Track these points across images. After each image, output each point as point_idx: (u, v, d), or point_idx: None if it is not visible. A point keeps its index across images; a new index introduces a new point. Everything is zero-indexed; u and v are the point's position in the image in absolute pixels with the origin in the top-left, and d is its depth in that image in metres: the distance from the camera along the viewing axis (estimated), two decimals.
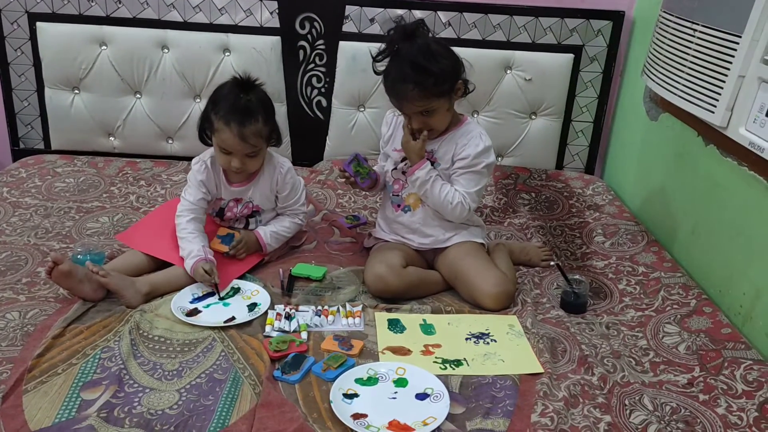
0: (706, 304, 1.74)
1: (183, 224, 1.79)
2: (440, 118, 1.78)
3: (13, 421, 1.27)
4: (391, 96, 1.77)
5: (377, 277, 1.74)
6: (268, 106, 1.81)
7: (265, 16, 2.50)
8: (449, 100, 1.77)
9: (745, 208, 1.72)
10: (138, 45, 2.49)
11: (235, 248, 1.84)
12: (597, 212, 2.31)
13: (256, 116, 1.74)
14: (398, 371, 1.46)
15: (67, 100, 2.57)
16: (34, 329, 1.55)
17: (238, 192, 1.88)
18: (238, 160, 1.77)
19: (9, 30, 2.51)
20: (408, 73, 1.69)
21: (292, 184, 1.92)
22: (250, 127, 1.73)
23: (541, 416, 1.33)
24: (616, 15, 2.47)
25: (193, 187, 1.84)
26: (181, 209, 1.82)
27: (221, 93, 1.79)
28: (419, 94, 1.70)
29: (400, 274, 1.75)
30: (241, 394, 1.37)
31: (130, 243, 1.87)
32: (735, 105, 1.64)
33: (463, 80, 1.78)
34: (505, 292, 1.73)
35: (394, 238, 1.91)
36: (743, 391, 1.42)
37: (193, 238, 1.77)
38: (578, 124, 2.64)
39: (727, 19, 1.67)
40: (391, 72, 1.75)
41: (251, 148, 1.76)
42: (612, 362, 1.52)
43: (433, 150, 1.83)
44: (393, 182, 1.91)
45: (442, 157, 1.83)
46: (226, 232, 1.87)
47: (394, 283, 1.73)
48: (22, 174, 2.42)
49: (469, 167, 1.80)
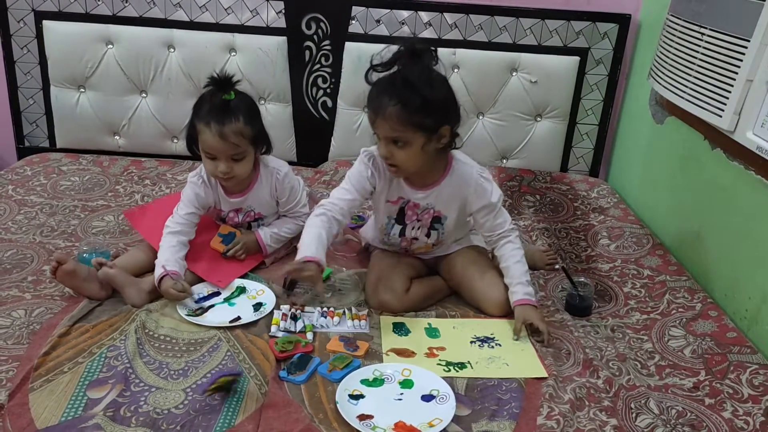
0: (711, 307, 1.74)
1: (165, 234, 1.77)
2: (410, 157, 1.58)
3: (20, 419, 1.27)
4: (370, 108, 1.59)
5: (381, 304, 1.71)
6: (250, 107, 1.79)
7: (271, 16, 2.50)
8: (428, 141, 1.57)
9: (751, 213, 1.71)
10: (144, 44, 2.50)
11: (233, 250, 1.84)
12: (602, 215, 2.31)
13: (237, 115, 1.72)
14: (404, 373, 1.46)
15: (73, 99, 2.57)
16: (40, 327, 1.55)
17: (236, 203, 1.87)
18: (224, 164, 1.73)
19: (15, 28, 2.51)
20: (397, 87, 1.53)
21: (290, 187, 1.90)
22: (230, 126, 1.70)
23: (547, 419, 1.33)
24: (623, 18, 2.47)
25: (185, 203, 1.81)
26: (168, 221, 1.79)
27: (203, 98, 1.77)
28: (398, 115, 1.52)
29: (403, 300, 1.71)
30: (247, 394, 1.37)
31: (136, 224, 1.89)
32: (743, 109, 1.64)
33: (451, 128, 1.61)
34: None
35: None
36: (749, 396, 1.42)
37: (167, 247, 1.73)
38: (583, 126, 2.63)
39: (735, 23, 1.66)
40: (380, 82, 1.59)
41: (233, 148, 1.72)
42: (617, 365, 1.52)
43: (430, 205, 1.72)
44: (400, 242, 1.80)
45: (446, 208, 1.73)
46: (228, 230, 1.86)
47: (399, 308, 1.71)
48: (28, 172, 2.42)
49: (494, 209, 1.71)
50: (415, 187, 1.72)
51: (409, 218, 1.76)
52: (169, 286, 1.64)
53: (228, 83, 1.74)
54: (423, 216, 1.75)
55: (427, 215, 1.75)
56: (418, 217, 1.75)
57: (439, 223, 1.76)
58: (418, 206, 1.74)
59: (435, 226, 1.76)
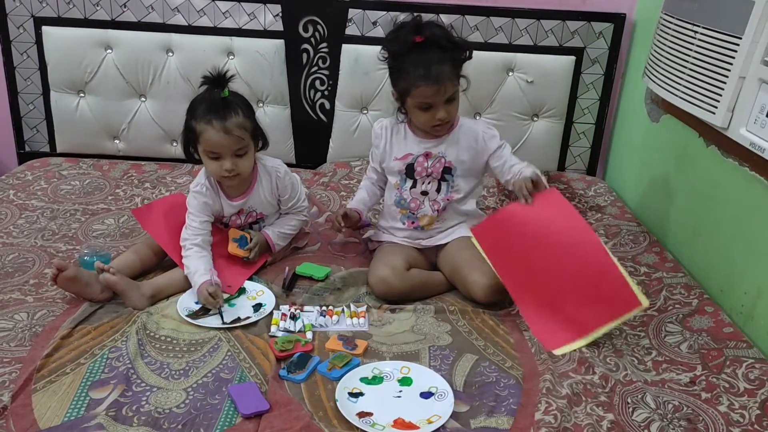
0: (707, 303, 1.75)
1: (188, 245, 1.77)
2: (456, 108, 1.78)
3: (23, 420, 1.28)
4: (427, 82, 1.68)
5: (381, 280, 1.75)
6: (245, 102, 1.81)
7: (268, 20, 2.52)
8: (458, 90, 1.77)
9: (746, 208, 1.73)
10: (143, 49, 2.51)
11: (253, 252, 1.85)
12: (599, 213, 2.32)
13: (236, 109, 1.74)
14: (403, 370, 1.48)
15: (73, 104, 2.59)
16: (42, 330, 1.56)
17: (238, 205, 1.88)
18: (229, 161, 1.74)
19: (15, 34, 2.53)
20: (443, 49, 1.70)
21: (291, 184, 1.92)
22: (232, 120, 1.72)
23: (545, 414, 1.34)
24: (617, 17, 2.48)
25: (196, 213, 1.81)
26: (187, 234, 1.79)
27: (196, 99, 1.78)
28: (449, 73, 1.70)
29: (403, 277, 1.76)
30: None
31: (143, 222, 1.90)
32: (736, 106, 1.66)
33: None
34: (496, 285, 1.71)
35: (397, 240, 1.92)
36: (745, 390, 1.43)
37: (199, 257, 1.75)
38: (580, 125, 2.65)
39: (728, 21, 1.68)
40: (421, 59, 1.69)
41: (238, 142, 1.74)
42: (615, 361, 1.54)
43: (441, 153, 1.83)
44: (410, 200, 1.88)
45: (456, 157, 1.84)
46: (239, 234, 1.87)
47: (398, 285, 1.74)
48: (28, 177, 2.44)
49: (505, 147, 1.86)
50: (424, 138, 1.85)
51: (419, 174, 1.85)
52: (211, 292, 1.66)
53: (223, 79, 1.76)
54: (434, 166, 1.83)
55: (438, 164, 1.83)
56: (428, 170, 1.84)
57: (450, 174, 1.84)
58: (429, 155, 1.83)
59: (445, 177, 1.85)
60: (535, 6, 2.49)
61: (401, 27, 1.74)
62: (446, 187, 1.86)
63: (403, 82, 1.73)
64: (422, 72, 1.68)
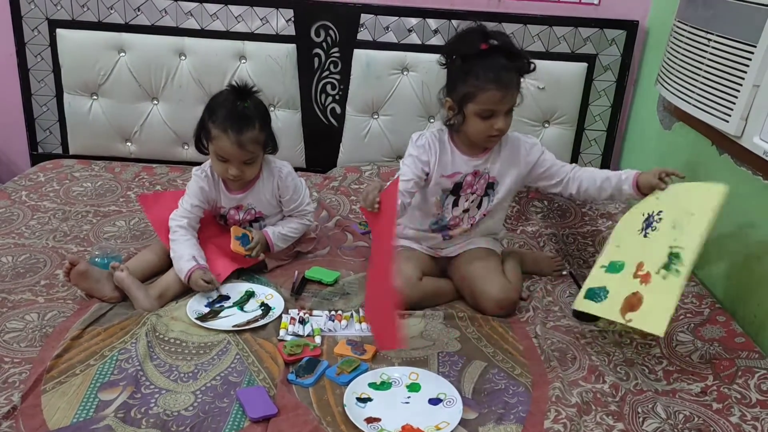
0: (719, 313, 1.73)
1: (174, 227, 1.80)
2: (511, 119, 1.74)
3: (32, 420, 1.29)
4: (497, 86, 1.65)
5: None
6: (264, 113, 1.82)
7: (280, 24, 2.53)
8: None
9: (758, 218, 1.71)
10: (156, 52, 2.53)
11: (255, 250, 1.86)
12: (610, 221, 2.31)
13: (253, 123, 1.76)
14: (411, 376, 1.47)
15: (86, 106, 2.60)
16: (53, 331, 1.57)
17: (237, 199, 1.90)
18: (236, 168, 1.77)
19: (29, 36, 2.55)
20: (513, 61, 1.68)
21: (293, 186, 1.92)
22: (247, 134, 1.74)
23: (554, 422, 1.33)
24: (630, 24, 2.48)
25: (190, 195, 1.85)
26: (175, 214, 1.83)
27: (218, 101, 1.80)
28: (518, 82, 1.70)
29: (416, 287, 1.75)
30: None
31: (147, 209, 1.93)
32: (749, 114, 1.64)
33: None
34: (507, 299, 1.73)
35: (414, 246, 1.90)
36: (757, 401, 1.42)
37: (185, 240, 1.78)
38: (591, 132, 2.64)
39: (742, 29, 1.67)
40: (491, 64, 1.66)
41: (248, 155, 1.77)
42: (625, 370, 1.52)
43: (486, 170, 1.80)
44: (449, 219, 1.85)
45: (500, 174, 1.81)
46: (241, 232, 1.88)
47: (411, 294, 1.73)
48: (41, 178, 2.45)
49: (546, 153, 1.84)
50: (471, 156, 1.80)
51: (464, 190, 1.82)
52: (199, 276, 1.70)
53: (246, 92, 1.78)
54: (479, 183, 1.81)
55: (483, 181, 1.81)
56: (473, 187, 1.81)
57: (492, 189, 1.83)
58: (477, 173, 1.80)
59: (488, 192, 1.83)
60: (548, 12, 2.49)
61: (467, 32, 1.73)
62: (487, 201, 1.84)
63: (469, 86, 1.67)
64: (492, 76, 1.65)
